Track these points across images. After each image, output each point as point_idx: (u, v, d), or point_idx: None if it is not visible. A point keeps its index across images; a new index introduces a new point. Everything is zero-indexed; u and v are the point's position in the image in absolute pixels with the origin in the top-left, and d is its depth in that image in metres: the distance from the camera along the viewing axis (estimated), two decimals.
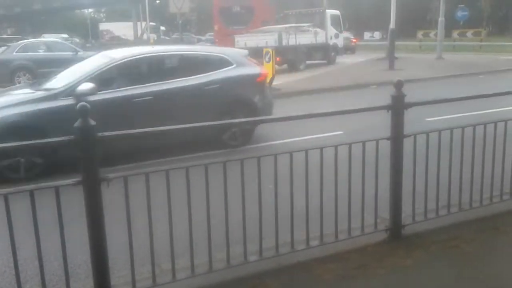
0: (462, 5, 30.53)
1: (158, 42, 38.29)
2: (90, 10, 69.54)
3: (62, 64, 11.24)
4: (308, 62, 19.91)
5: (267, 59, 12.73)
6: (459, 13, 29.99)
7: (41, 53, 17.03)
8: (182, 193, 2.91)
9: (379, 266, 3.22)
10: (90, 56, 8.13)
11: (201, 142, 6.15)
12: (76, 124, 2.54)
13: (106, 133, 2.61)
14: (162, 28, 52.95)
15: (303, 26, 20.46)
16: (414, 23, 39.53)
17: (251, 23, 21.93)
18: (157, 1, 54.72)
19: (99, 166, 2.59)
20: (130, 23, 34.92)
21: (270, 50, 12.84)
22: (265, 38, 18.42)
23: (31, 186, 2.54)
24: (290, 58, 18.97)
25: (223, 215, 3.05)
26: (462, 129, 3.81)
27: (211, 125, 4.22)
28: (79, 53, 17.15)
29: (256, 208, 3.13)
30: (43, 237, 2.65)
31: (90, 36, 57.66)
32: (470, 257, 3.35)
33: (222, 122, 4.70)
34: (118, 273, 3.31)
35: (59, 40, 21.95)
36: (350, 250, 3.43)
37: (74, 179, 2.60)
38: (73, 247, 3.82)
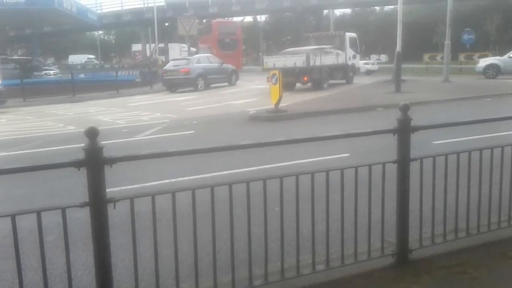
0: (468, 29, 30.71)
1: (166, 62, 38.94)
2: (100, 32, 70.82)
3: (222, 71, 23.62)
4: (329, 82, 21.27)
5: (273, 81, 12.83)
6: (465, 37, 30.16)
7: (208, 64, 24.08)
8: (188, 214, 2.91)
9: None
10: None
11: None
12: (84, 146, 2.57)
13: (113, 155, 2.64)
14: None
15: (326, 47, 21.64)
16: (420, 46, 39.78)
17: (236, 50, 34.95)
18: (166, 24, 55.56)
19: (105, 187, 2.61)
20: (161, 44, 36.41)
21: (277, 72, 12.97)
22: (294, 59, 19.87)
23: (38, 207, 2.56)
24: (315, 78, 20.32)
25: (229, 237, 3.04)
26: (469, 152, 3.80)
27: None
28: (223, 64, 25.11)
29: (262, 231, 3.12)
30: (49, 258, 2.65)
31: (99, 57, 58.60)
32: (478, 283, 3.30)
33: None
34: None
35: (210, 54, 28.30)
36: (356, 274, 3.39)
37: (81, 201, 2.61)
38: (78, 268, 3.85)
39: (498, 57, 26.40)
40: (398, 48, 18.29)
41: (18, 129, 13.06)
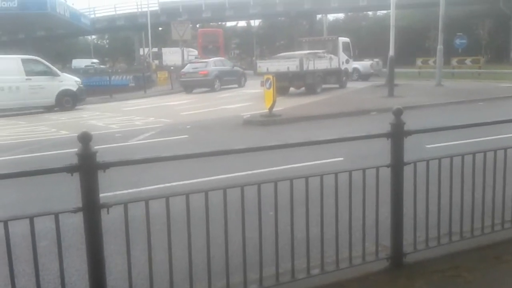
0: (460, 33, 30.99)
1: (160, 67, 39.11)
2: (93, 36, 70.71)
3: (233, 73, 26.56)
4: (323, 86, 21.35)
5: (267, 85, 12.85)
6: (458, 41, 30.44)
7: (222, 67, 26.05)
8: (182, 219, 2.90)
9: None
10: None
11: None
12: (78, 151, 2.56)
13: (107, 160, 2.63)
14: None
15: (319, 52, 21.71)
16: (413, 51, 40.01)
17: (218, 55, 33.80)
18: (160, 29, 55.60)
19: (98, 192, 2.59)
20: (155, 49, 37.47)
21: (271, 76, 12.98)
22: (287, 64, 19.92)
23: (31, 213, 2.54)
24: (309, 82, 20.37)
25: (223, 242, 3.03)
26: (462, 156, 3.82)
27: None
28: (235, 67, 27.97)
29: (256, 235, 3.11)
30: (43, 264, 2.63)
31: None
32: (472, 287, 3.31)
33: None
34: None
35: (223, 58, 30.23)
36: (351, 279, 3.39)
37: (75, 206, 2.60)
38: (72, 274, 3.82)
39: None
40: (391, 52, 18.41)
41: (10, 134, 12.98)
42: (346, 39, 24.39)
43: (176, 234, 2.97)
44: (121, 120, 14.86)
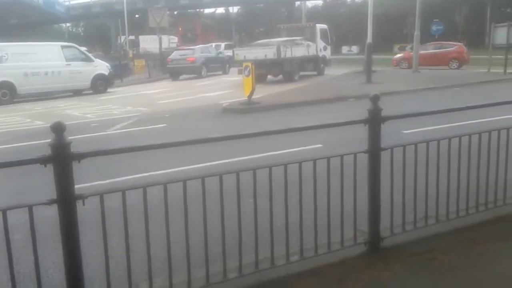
0: (437, 20, 31.29)
1: (137, 55, 38.52)
2: (68, 24, 69.09)
3: (219, 60, 27.08)
4: (301, 73, 21.29)
5: (246, 73, 12.79)
6: (434, 27, 30.73)
7: (208, 54, 26.63)
8: (160, 209, 2.88)
9: (358, 280, 3.22)
10: None
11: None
12: (51, 141, 2.50)
13: (81, 150, 2.57)
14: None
15: (297, 39, 21.55)
16: (390, 37, 40.36)
17: (196, 43, 34.47)
18: (136, 16, 54.65)
19: (73, 184, 2.55)
20: (153, 36, 36.50)
21: (249, 64, 12.92)
22: (264, 51, 19.80)
23: (4, 206, 2.48)
24: (286, 70, 20.28)
25: (202, 231, 3.02)
26: (438, 141, 3.88)
27: None
28: (220, 54, 28.12)
29: (236, 223, 3.11)
30: (18, 257, 2.58)
31: None
32: (447, 269, 3.38)
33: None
34: None
35: (208, 45, 30.47)
36: (329, 264, 3.43)
37: (49, 198, 2.55)
38: (49, 267, 3.76)
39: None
40: (369, 39, 18.49)
41: None
42: (324, 26, 24.32)
43: (155, 225, 2.94)
44: (97, 110, 14.63)
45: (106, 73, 21.06)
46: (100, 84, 20.62)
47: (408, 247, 3.68)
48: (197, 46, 27.71)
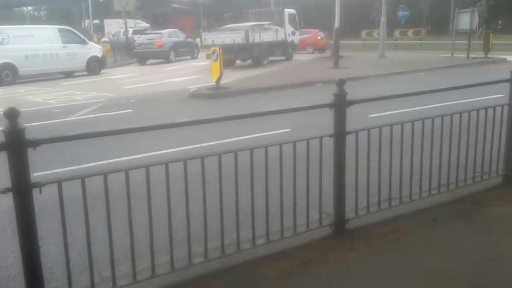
0: (403, 5, 31.71)
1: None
2: (29, 8, 66.61)
3: (187, 45, 26.85)
4: (269, 58, 21.25)
5: (214, 58, 12.64)
6: (400, 13, 31.19)
7: (176, 38, 26.18)
8: (122, 196, 2.81)
9: (323, 262, 3.25)
10: None
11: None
12: (4, 128, 2.39)
13: (37, 137, 2.47)
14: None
15: (265, 24, 21.54)
16: (358, 22, 40.63)
17: (168, 28, 30.68)
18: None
19: (29, 171, 2.45)
20: (119, 20, 35.07)
21: (217, 49, 12.77)
22: (233, 36, 19.60)
23: None
24: (255, 55, 20.20)
25: (166, 217, 2.97)
26: (402, 124, 3.93)
27: None
28: (188, 38, 27.75)
29: (201, 208, 3.08)
30: None
31: None
32: (411, 249, 3.45)
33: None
34: (55, 282, 3.16)
35: (176, 29, 28.92)
36: (295, 247, 3.45)
37: (4, 187, 2.44)
38: (8, 257, 3.65)
39: None
40: (337, 24, 18.58)
41: None
42: (292, 11, 24.30)
43: (117, 212, 2.88)
44: (61, 95, 14.20)
45: (100, 55, 21.59)
46: (94, 66, 21.13)
47: (373, 228, 3.74)
48: (165, 30, 27.06)
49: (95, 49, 21.70)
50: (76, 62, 20.45)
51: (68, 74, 20.52)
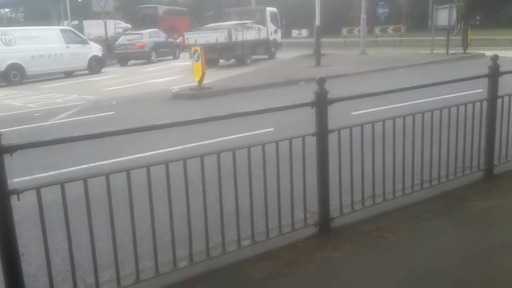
0: (382, 2, 31.97)
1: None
2: (6, 10, 65.42)
3: (168, 45, 27.04)
4: (252, 57, 21.38)
5: (195, 57, 12.56)
6: (380, 10, 31.45)
7: (157, 38, 26.27)
8: (104, 201, 2.76)
9: (308, 261, 3.25)
10: None
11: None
12: None
13: (14, 143, 2.41)
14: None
15: (248, 23, 21.62)
16: (338, 20, 40.81)
17: (156, 27, 30.95)
18: (79, 0, 52.47)
19: (6, 178, 2.39)
20: (99, 21, 34.31)
21: (198, 48, 12.69)
22: (215, 35, 19.60)
23: None
24: (238, 54, 20.29)
25: (149, 221, 2.93)
26: (383, 122, 3.95)
27: None
28: (169, 39, 27.73)
29: (185, 211, 3.04)
30: None
31: None
32: (395, 246, 3.47)
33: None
34: None
35: (157, 30, 28.96)
36: (280, 247, 3.44)
37: None
38: None
39: None
40: (317, 22, 18.64)
41: None
42: (274, 9, 24.41)
43: (99, 217, 2.84)
44: (40, 99, 13.95)
45: (100, 55, 22.21)
46: (95, 65, 21.68)
47: (357, 226, 3.75)
48: (146, 31, 26.79)
49: (95, 48, 22.22)
50: (78, 61, 21.02)
51: (69, 74, 20.92)
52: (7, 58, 18.24)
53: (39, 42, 19.37)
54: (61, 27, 22.24)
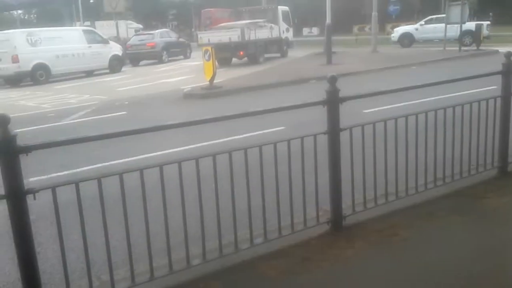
0: (394, 0, 31.77)
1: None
2: (19, 11, 66.22)
3: (179, 45, 27.11)
4: (265, 55, 21.50)
5: (206, 57, 12.60)
6: (391, 8, 31.31)
7: (168, 38, 26.59)
8: (118, 200, 2.80)
9: (322, 259, 3.25)
10: None
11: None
12: None
13: (29, 143, 2.45)
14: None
15: (260, 22, 21.72)
16: (350, 18, 40.65)
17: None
18: (91, 1, 52.90)
19: (22, 178, 2.43)
20: (111, 22, 34.48)
21: (209, 48, 12.72)
22: (228, 34, 19.70)
23: None
24: (251, 52, 20.43)
25: (163, 220, 2.96)
26: (395, 120, 3.93)
27: None
28: (180, 39, 27.98)
29: (197, 209, 3.07)
30: None
31: None
32: (408, 243, 3.46)
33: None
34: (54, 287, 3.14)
35: (168, 30, 30.87)
36: (293, 245, 3.45)
37: None
38: (6, 263, 3.62)
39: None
40: (328, 20, 18.56)
41: None
42: (286, 8, 24.44)
43: (114, 215, 2.87)
44: (54, 99, 14.12)
45: (120, 54, 22.98)
46: (116, 64, 22.33)
47: (370, 224, 3.74)
48: (157, 31, 27.17)
49: (116, 48, 22.93)
50: (99, 61, 21.61)
51: (90, 73, 21.42)
52: (33, 58, 18.82)
53: (63, 42, 20.01)
54: (83, 28, 23.04)
